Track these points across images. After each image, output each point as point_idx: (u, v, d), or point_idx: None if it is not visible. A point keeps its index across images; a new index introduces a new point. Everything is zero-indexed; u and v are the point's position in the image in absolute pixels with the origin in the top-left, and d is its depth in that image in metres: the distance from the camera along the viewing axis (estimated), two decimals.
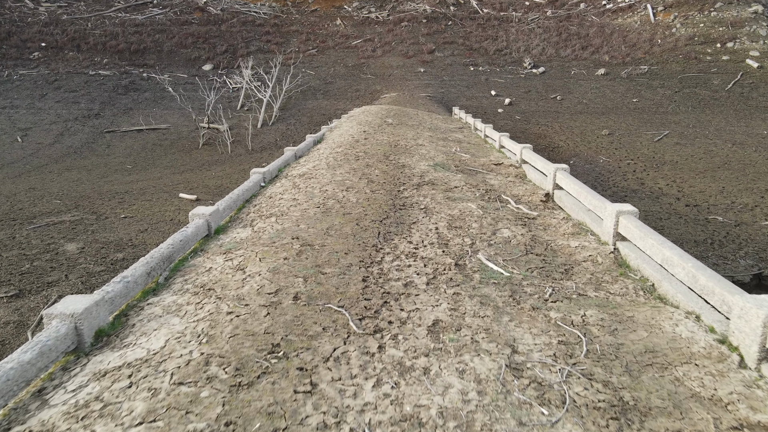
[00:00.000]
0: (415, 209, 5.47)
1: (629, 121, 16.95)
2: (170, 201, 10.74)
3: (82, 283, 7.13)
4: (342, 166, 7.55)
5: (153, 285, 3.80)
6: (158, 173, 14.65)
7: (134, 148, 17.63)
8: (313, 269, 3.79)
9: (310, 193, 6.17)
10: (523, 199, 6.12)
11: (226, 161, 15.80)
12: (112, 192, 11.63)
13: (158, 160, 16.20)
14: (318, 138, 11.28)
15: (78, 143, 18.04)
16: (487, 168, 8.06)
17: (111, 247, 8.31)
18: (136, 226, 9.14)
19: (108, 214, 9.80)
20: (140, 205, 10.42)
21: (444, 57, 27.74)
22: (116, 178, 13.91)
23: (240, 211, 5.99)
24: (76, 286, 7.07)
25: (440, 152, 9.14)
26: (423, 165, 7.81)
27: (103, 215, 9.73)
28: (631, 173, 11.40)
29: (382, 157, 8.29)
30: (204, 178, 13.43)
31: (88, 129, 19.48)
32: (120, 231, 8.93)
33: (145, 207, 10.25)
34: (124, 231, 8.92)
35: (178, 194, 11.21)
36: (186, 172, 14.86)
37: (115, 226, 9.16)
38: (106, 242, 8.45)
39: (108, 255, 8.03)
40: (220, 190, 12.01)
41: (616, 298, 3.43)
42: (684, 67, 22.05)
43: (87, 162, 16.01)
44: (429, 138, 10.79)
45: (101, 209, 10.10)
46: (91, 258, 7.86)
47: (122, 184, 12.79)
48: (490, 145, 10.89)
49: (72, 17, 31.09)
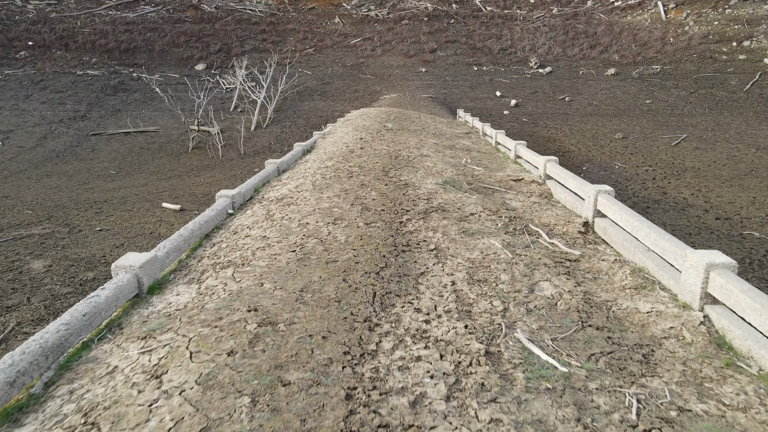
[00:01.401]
0: (423, 251, 4.29)
1: (643, 123, 16.27)
2: (152, 211, 10.06)
3: (45, 308, 6.45)
4: (331, 186, 6.43)
5: (20, 400, 2.49)
6: (143, 179, 13.98)
7: (120, 151, 16.96)
8: (271, 376, 2.49)
9: (286, 227, 4.89)
10: (557, 230, 5.07)
11: (217, 166, 15.13)
12: (90, 201, 10.96)
13: (144, 165, 15.53)
14: (308, 146, 10.33)
15: (61, 147, 17.37)
16: (505, 185, 7.01)
17: (82, 264, 7.64)
18: (112, 241, 8.46)
19: (82, 227, 9.12)
20: (119, 216, 9.74)
21: (446, 56, 27.10)
22: (98, 184, 13.23)
23: (193, 252, 4.72)
24: (39, 311, 6.39)
25: (448, 164, 8.15)
26: (430, 183, 6.72)
27: (77, 228, 9.05)
28: (651, 181, 10.72)
29: (381, 172, 7.23)
30: (191, 185, 12.76)
31: (73, 131, 18.82)
32: (93, 246, 8.26)
33: (123, 218, 9.58)
34: (97, 246, 8.24)
35: (161, 203, 10.54)
36: (173, 178, 14.19)
37: (89, 241, 8.48)
38: (76, 259, 7.78)
39: (77, 274, 7.35)
40: (207, 199, 11.34)
41: (737, 415, 2.35)
42: (699, 67, 21.38)
43: (69, 167, 15.34)
44: (434, 146, 9.89)
45: (76, 221, 9.43)
46: (59, 278, 7.18)
47: (103, 192, 12.12)
48: (503, 154, 9.94)
49: (61, 15, 30.50)
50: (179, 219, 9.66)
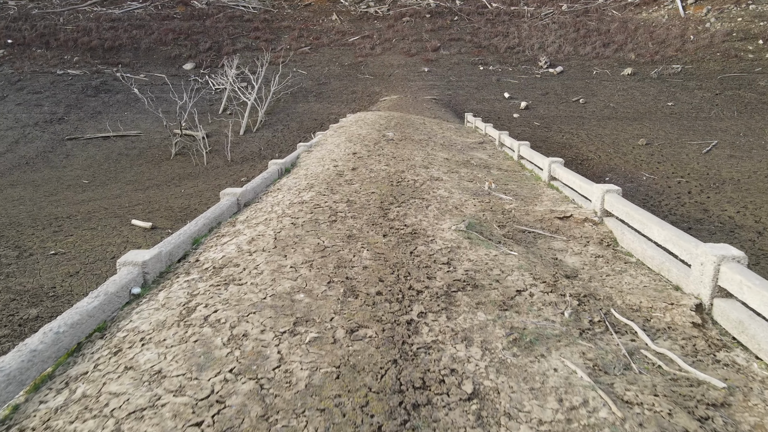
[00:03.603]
0: (452, 401, 2.34)
1: (667, 128, 15.23)
2: (119, 230, 9.01)
3: None
4: (302, 241, 4.32)
5: None
6: (118, 190, 12.94)
7: (96, 158, 15.93)
8: None
9: (204, 346, 2.72)
10: (655, 320, 3.27)
11: (200, 175, 14.09)
12: (51, 216, 9.91)
13: (121, 174, 14.49)
14: (287, 165, 8.37)
15: (33, 153, 16.34)
16: (549, 225, 5.30)
17: (25, 298, 6.59)
18: (66, 267, 7.41)
19: (34, 249, 8.07)
20: (79, 235, 8.69)
21: (450, 55, 26.10)
22: (66, 196, 12.19)
23: (43, 385, 2.61)
24: None
25: (467, 192, 6.42)
26: (447, 227, 4.85)
27: (28, 251, 8.00)
28: (686, 195, 9.66)
29: (378, 210, 5.36)
30: (170, 197, 11.72)
31: (48, 136, 17.80)
32: (43, 274, 7.21)
33: (84, 239, 8.52)
34: (48, 274, 7.19)
35: (131, 220, 9.49)
36: (151, 188, 13.16)
37: (39, 267, 7.43)
38: (20, 291, 6.73)
39: (18, 311, 6.30)
40: (186, 213, 10.30)
41: None
42: (723, 67, 20.35)
43: (38, 176, 14.31)
44: (445, 163, 8.31)
45: (28, 242, 8.37)
46: None
47: (69, 205, 11.07)
48: (530, 172, 8.21)
49: (43, 12, 29.53)
50: (149, 239, 8.62)
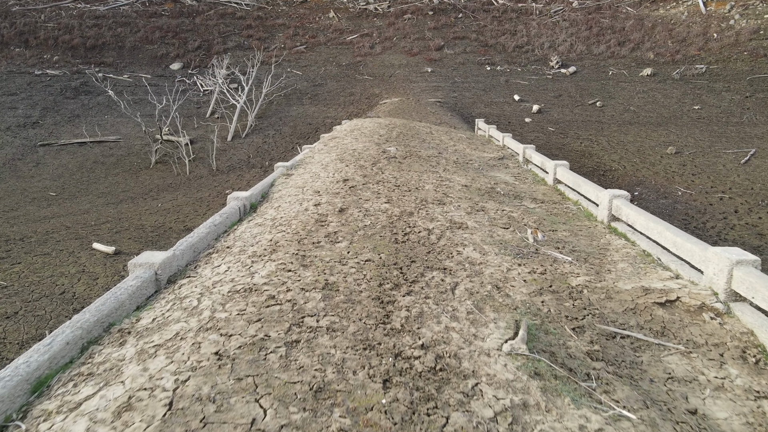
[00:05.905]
0: None
1: (696, 134, 14.15)
2: (76, 256, 7.90)
3: None
4: (235, 395, 2.12)
5: None
6: (87, 203, 11.85)
7: (69, 166, 14.85)
8: None
9: None
10: None
11: (181, 186, 13.01)
12: (2, 238, 8.80)
13: (94, 185, 13.41)
14: (253, 199, 6.11)
15: (0, 161, 15.26)
16: (646, 317, 3.16)
17: None
18: (2, 306, 6.30)
19: None
20: (28, 263, 7.58)
21: (455, 54, 25.05)
22: (27, 212, 11.10)
23: None
24: None
25: (507, 250, 4.20)
26: (494, 350, 2.59)
27: None
28: (733, 214, 8.56)
29: (373, 304, 3.06)
30: (144, 212, 10.62)
31: (20, 142, 16.72)
32: None
33: (33, 268, 7.41)
34: None
35: (92, 243, 8.38)
36: (125, 201, 12.07)
37: None
38: None
39: None
40: (159, 233, 9.21)
41: None
42: (752, 67, 19.28)
43: (1, 187, 13.23)
44: (465, 194, 6.07)
45: None
46: None
47: (27, 224, 9.98)
48: (575, 204, 6.26)
49: (24, 8, 28.52)
50: (108, 268, 7.52)
